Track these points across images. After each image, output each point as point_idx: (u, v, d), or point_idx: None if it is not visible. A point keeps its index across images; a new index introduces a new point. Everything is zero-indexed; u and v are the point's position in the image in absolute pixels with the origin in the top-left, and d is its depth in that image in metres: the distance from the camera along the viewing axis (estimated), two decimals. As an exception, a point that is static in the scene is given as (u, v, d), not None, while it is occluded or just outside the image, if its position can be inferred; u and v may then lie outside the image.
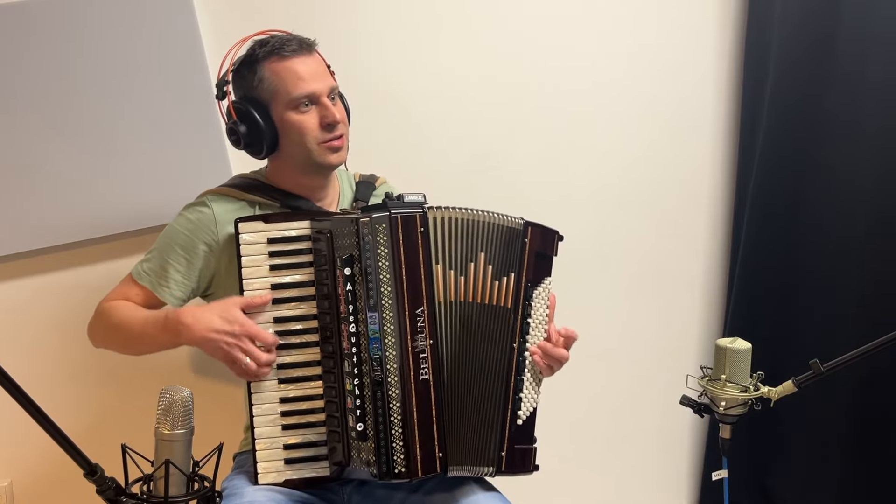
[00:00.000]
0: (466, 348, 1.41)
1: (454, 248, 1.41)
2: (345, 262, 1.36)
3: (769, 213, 2.17)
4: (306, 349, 1.42)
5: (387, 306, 1.35)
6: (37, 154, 1.79)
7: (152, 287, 1.50)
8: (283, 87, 1.45)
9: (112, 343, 1.53)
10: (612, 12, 2.14)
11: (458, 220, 1.41)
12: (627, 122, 2.20)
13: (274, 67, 1.44)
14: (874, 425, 2.10)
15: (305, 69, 1.46)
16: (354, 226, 1.35)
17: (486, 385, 1.42)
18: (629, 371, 2.31)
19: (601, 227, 2.23)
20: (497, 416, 1.41)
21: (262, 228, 1.43)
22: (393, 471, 1.34)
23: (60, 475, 1.91)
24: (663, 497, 2.41)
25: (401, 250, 1.36)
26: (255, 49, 1.46)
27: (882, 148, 2.02)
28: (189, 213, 1.53)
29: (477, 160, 2.10)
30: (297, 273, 1.43)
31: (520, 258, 1.44)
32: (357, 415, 1.35)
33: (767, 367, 1.59)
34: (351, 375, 1.36)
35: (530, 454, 1.44)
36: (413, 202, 1.39)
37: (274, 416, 1.41)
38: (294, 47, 1.46)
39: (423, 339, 1.37)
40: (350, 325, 1.36)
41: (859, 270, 2.07)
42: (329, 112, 1.47)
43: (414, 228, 1.37)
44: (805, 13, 2.07)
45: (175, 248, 1.51)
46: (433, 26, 2.04)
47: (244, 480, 1.43)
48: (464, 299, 1.41)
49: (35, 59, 1.75)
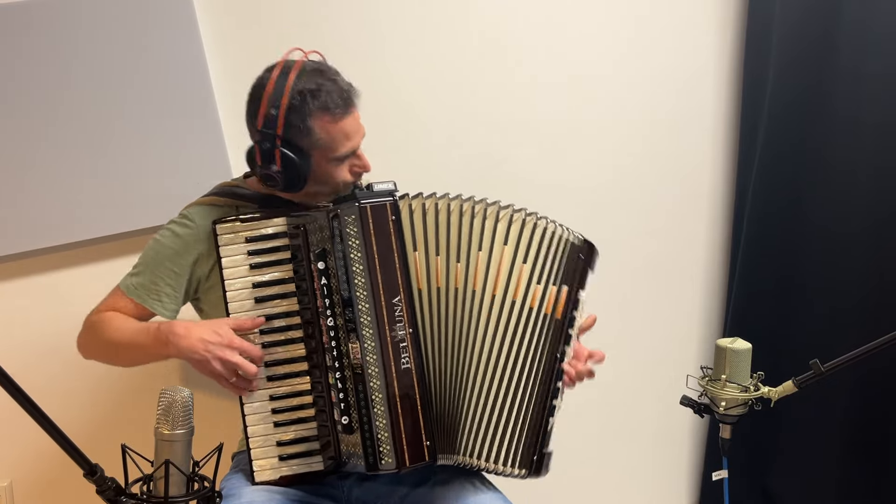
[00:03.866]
0: (463, 333, 1.40)
1: (440, 235, 1.40)
2: (318, 257, 1.37)
3: (769, 212, 2.17)
4: (291, 346, 1.43)
5: (362, 297, 1.35)
6: (36, 154, 1.79)
7: (142, 301, 1.51)
8: (331, 145, 1.43)
9: (103, 354, 1.54)
10: (613, 10, 2.14)
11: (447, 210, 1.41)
12: (628, 120, 2.20)
13: (324, 125, 1.42)
14: (874, 425, 2.10)
15: (352, 127, 1.45)
16: (326, 219, 1.36)
17: (534, 386, 1.41)
18: (629, 371, 2.31)
19: (601, 225, 2.21)
20: (536, 420, 1.40)
21: (240, 228, 1.44)
22: (380, 461, 1.35)
23: (60, 475, 1.91)
24: (663, 497, 2.41)
25: (372, 240, 1.36)
26: (307, 97, 1.40)
27: (882, 145, 2.01)
28: (175, 227, 1.53)
29: (476, 159, 2.10)
30: (276, 270, 1.44)
31: (575, 270, 1.44)
32: (342, 408, 1.36)
33: (767, 367, 1.59)
34: (332, 369, 1.37)
35: (549, 459, 1.44)
36: (383, 191, 1.40)
37: (265, 414, 1.42)
38: (343, 105, 1.43)
39: (401, 328, 1.36)
40: (328, 318, 1.37)
41: (860, 269, 2.07)
42: (361, 163, 1.50)
43: (385, 218, 1.37)
44: (805, 10, 2.06)
45: (164, 263, 1.51)
46: (434, 26, 2.04)
47: (242, 480, 1.44)
48: (462, 286, 1.40)
49: (35, 59, 1.74)
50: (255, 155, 1.43)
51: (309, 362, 1.43)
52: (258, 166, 1.43)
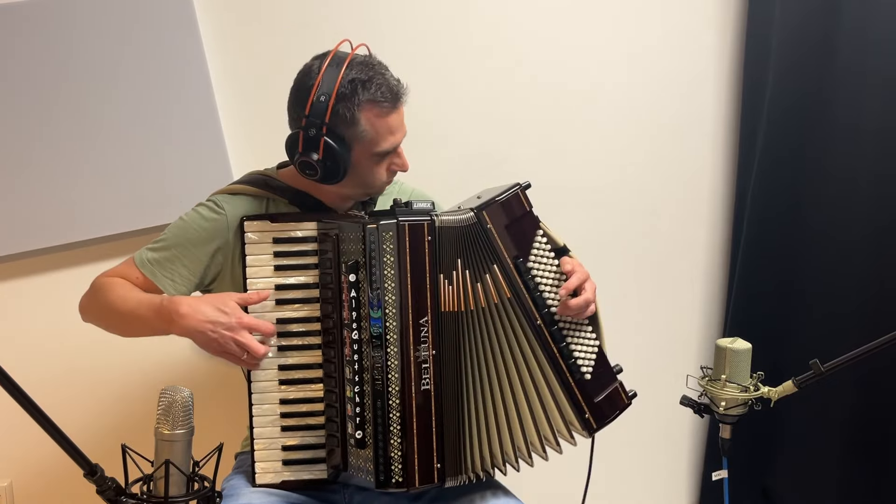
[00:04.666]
0: (467, 357, 1.39)
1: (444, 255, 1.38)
2: (350, 269, 1.35)
3: (769, 214, 2.17)
4: (308, 352, 1.42)
5: (391, 315, 1.33)
6: (36, 154, 1.79)
7: (153, 277, 1.47)
8: (375, 139, 1.41)
9: (102, 319, 1.49)
10: (613, 14, 2.14)
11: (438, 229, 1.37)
12: (628, 123, 2.20)
13: (372, 118, 1.40)
14: (874, 425, 2.10)
15: (397, 123, 1.44)
16: (361, 231, 1.33)
17: (511, 384, 1.39)
18: (629, 371, 2.30)
19: (602, 227, 2.23)
20: (557, 391, 1.39)
21: (269, 228, 1.42)
22: (390, 480, 1.34)
23: (60, 475, 1.91)
24: (663, 497, 2.41)
25: (407, 259, 1.33)
26: (358, 88, 1.38)
27: (882, 149, 2.01)
28: (204, 211, 1.50)
29: (477, 160, 2.10)
30: (301, 274, 1.42)
31: (492, 247, 1.37)
32: (357, 422, 1.35)
33: (767, 367, 1.59)
34: (352, 383, 1.35)
35: (617, 393, 1.44)
36: (421, 209, 1.37)
37: (273, 417, 1.41)
38: (392, 99, 1.41)
39: (425, 349, 1.35)
40: (353, 332, 1.35)
41: (860, 270, 2.07)
42: (400, 161, 1.48)
43: (421, 237, 1.34)
44: (804, 15, 2.06)
45: (186, 245, 1.48)
46: (435, 27, 2.04)
47: (243, 481, 1.43)
48: (455, 309, 1.37)
49: (34, 58, 1.75)
50: (297, 142, 1.39)
51: (324, 370, 1.42)
52: (299, 153, 1.40)
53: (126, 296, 1.44)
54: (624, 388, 1.47)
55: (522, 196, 1.42)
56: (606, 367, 1.46)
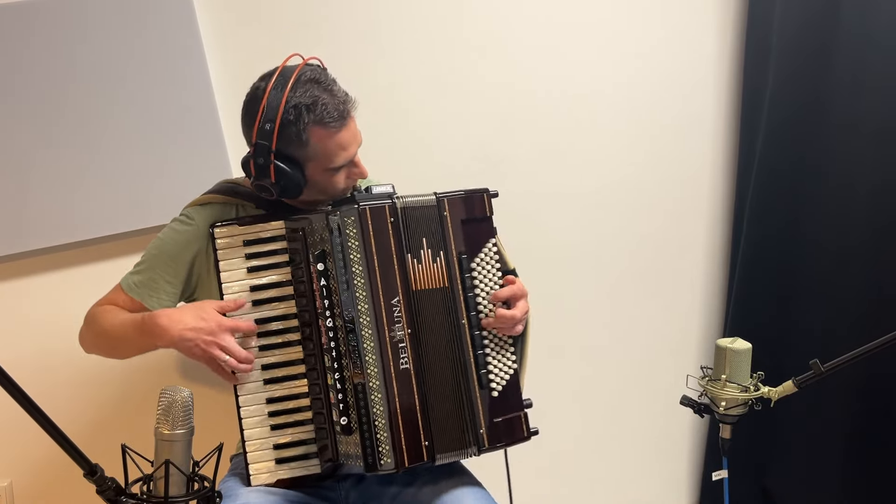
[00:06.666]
0: (435, 335, 1.41)
1: (412, 235, 1.41)
2: (317, 258, 1.38)
3: (769, 214, 2.17)
4: (289, 348, 1.44)
5: (361, 298, 1.36)
6: (36, 154, 1.79)
7: (142, 298, 1.51)
8: (327, 156, 1.42)
9: (99, 347, 1.55)
10: (613, 17, 2.14)
11: (403, 209, 1.41)
12: (628, 125, 2.20)
13: (320, 136, 1.40)
14: (874, 425, 2.10)
15: (348, 138, 1.43)
16: (324, 221, 1.37)
17: (452, 368, 1.42)
18: (629, 371, 2.31)
19: (602, 227, 2.23)
20: (465, 396, 1.41)
21: (238, 232, 1.44)
22: (379, 462, 1.35)
23: (60, 475, 1.91)
24: (663, 497, 2.41)
25: (371, 242, 1.37)
26: (302, 112, 1.38)
27: (881, 152, 2.01)
28: (176, 225, 1.54)
29: (477, 161, 2.10)
30: (274, 273, 1.44)
31: (442, 233, 1.42)
32: (340, 409, 1.37)
33: (767, 367, 1.59)
34: (332, 370, 1.38)
35: (519, 421, 1.44)
36: (382, 193, 1.41)
37: (262, 417, 1.42)
38: (339, 118, 1.41)
39: (400, 328, 1.37)
40: (327, 319, 1.38)
41: (859, 271, 2.07)
42: (358, 170, 1.49)
43: (384, 219, 1.38)
44: (804, 19, 2.06)
45: (165, 260, 1.52)
46: (435, 27, 2.04)
47: (238, 482, 1.44)
48: (423, 288, 1.41)
49: (34, 60, 1.75)
50: (249, 168, 1.42)
51: (307, 365, 1.43)
52: (253, 177, 1.42)
53: (113, 321, 1.48)
54: (528, 421, 1.46)
55: (486, 200, 1.47)
56: (517, 394, 1.46)
